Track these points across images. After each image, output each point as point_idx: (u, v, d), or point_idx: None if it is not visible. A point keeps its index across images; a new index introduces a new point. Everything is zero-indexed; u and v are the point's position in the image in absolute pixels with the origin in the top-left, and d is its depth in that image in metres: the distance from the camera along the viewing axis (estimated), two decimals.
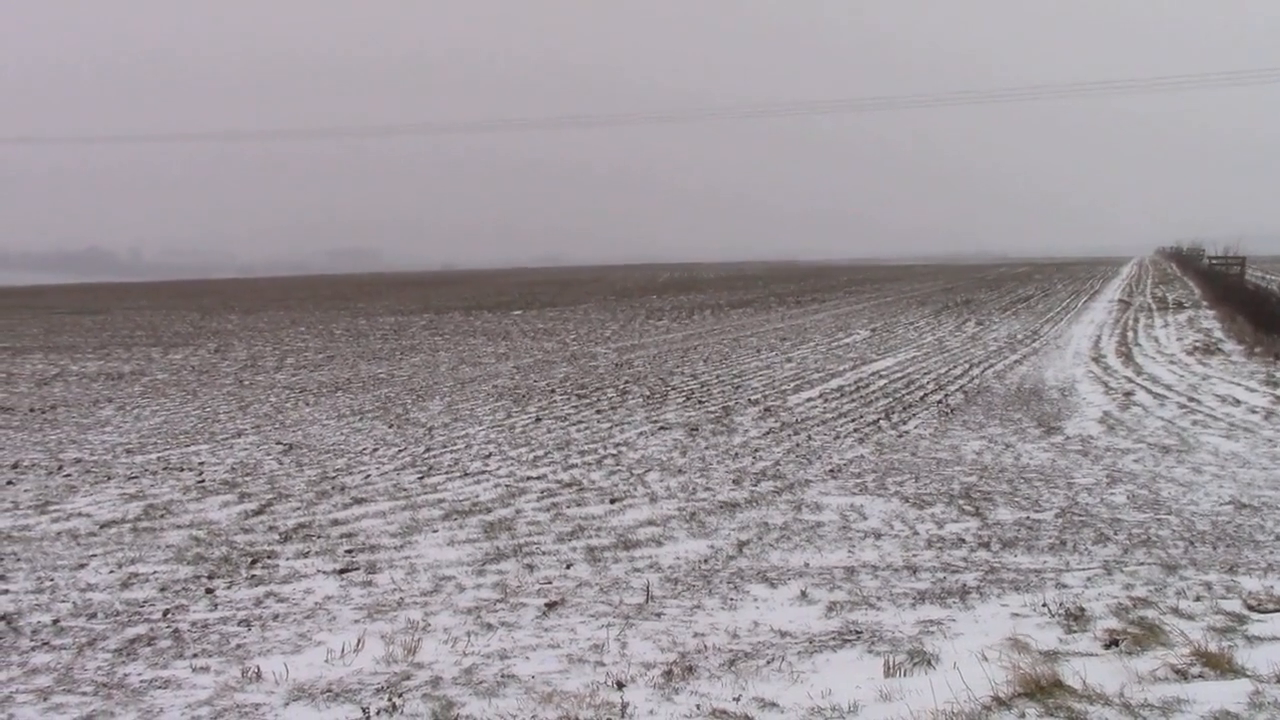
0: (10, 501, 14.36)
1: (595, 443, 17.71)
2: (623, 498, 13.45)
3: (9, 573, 10.66)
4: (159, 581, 10.24)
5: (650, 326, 44.72)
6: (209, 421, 21.83)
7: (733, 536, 11.42)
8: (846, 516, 12.22)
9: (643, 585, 9.62)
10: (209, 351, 38.60)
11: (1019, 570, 9.88)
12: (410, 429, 19.84)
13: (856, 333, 38.39)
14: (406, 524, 12.33)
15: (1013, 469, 15.07)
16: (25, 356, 38.48)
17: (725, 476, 14.75)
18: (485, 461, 16.27)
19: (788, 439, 17.75)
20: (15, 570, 10.76)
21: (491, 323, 49.33)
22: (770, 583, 9.62)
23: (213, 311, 65.22)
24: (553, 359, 32.27)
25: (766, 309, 53.30)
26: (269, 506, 13.59)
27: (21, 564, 11.01)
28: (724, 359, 30.78)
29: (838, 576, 9.76)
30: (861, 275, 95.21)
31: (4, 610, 9.36)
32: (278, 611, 9.16)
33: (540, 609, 9.00)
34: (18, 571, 10.70)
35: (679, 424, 19.49)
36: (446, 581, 9.96)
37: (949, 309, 49.21)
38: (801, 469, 15.18)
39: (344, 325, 50.54)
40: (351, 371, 30.65)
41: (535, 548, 11.13)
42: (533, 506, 13.08)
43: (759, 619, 8.60)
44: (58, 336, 48.14)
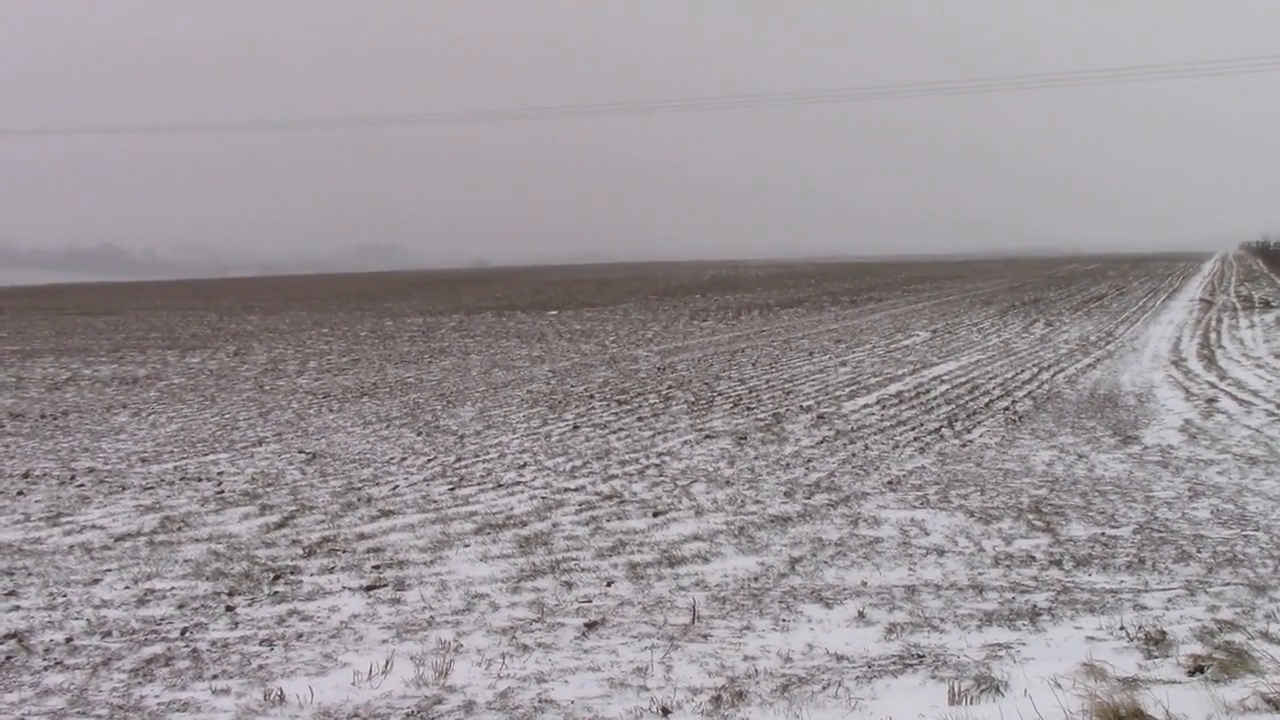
0: (21, 513, 14.55)
1: (637, 452, 17.72)
2: (666, 511, 13.44)
3: (20, 588, 10.79)
4: (177, 598, 10.34)
5: (695, 328, 44.71)
6: (228, 429, 22.03)
7: (784, 553, 11.38)
8: (907, 532, 12.15)
9: (688, 604, 9.61)
10: (228, 355, 38.96)
11: (1094, 590, 9.79)
12: (440, 437, 19.94)
13: (916, 334, 38.21)
14: (437, 538, 12.38)
15: (1086, 481, 14.93)
16: (36, 360, 38.99)
17: (776, 488, 14.71)
18: (520, 472, 16.32)
19: (843, 448, 17.68)
20: (27, 585, 10.89)
21: (526, 324, 49.49)
22: (825, 602, 9.58)
23: (231, 312, 65.84)
24: (591, 362, 32.32)
25: (819, 309, 53.17)
26: (292, 519, 13.69)
27: (33, 579, 11.15)
28: (774, 362, 30.72)
29: (898, 596, 9.71)
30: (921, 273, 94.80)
31: (15, 628, 9.47)
32: (301, 630, 9.22)
33: (579, 629, 9.00)
34: (29, 587, 10.84)
35: (726, 432, 19.46)
36: (479, 599, 9.99)
37: (1016, 308, 48.89)
38: (858, 481, 15.12)
39: (369, 326, 50.86)
40: (378, 376, 30.84)
41: (573, 564, 11.14)
42: (570, 520, 13.10)
43: (813, 641, 8.57)
44: (69, 339, 48.75)
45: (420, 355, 36.59)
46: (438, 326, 49.43)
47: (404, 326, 50.17)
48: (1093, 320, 42.87)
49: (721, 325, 45.50)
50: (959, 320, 43.67)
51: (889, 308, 52.47)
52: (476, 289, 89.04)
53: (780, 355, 32.64)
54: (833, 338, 37.92)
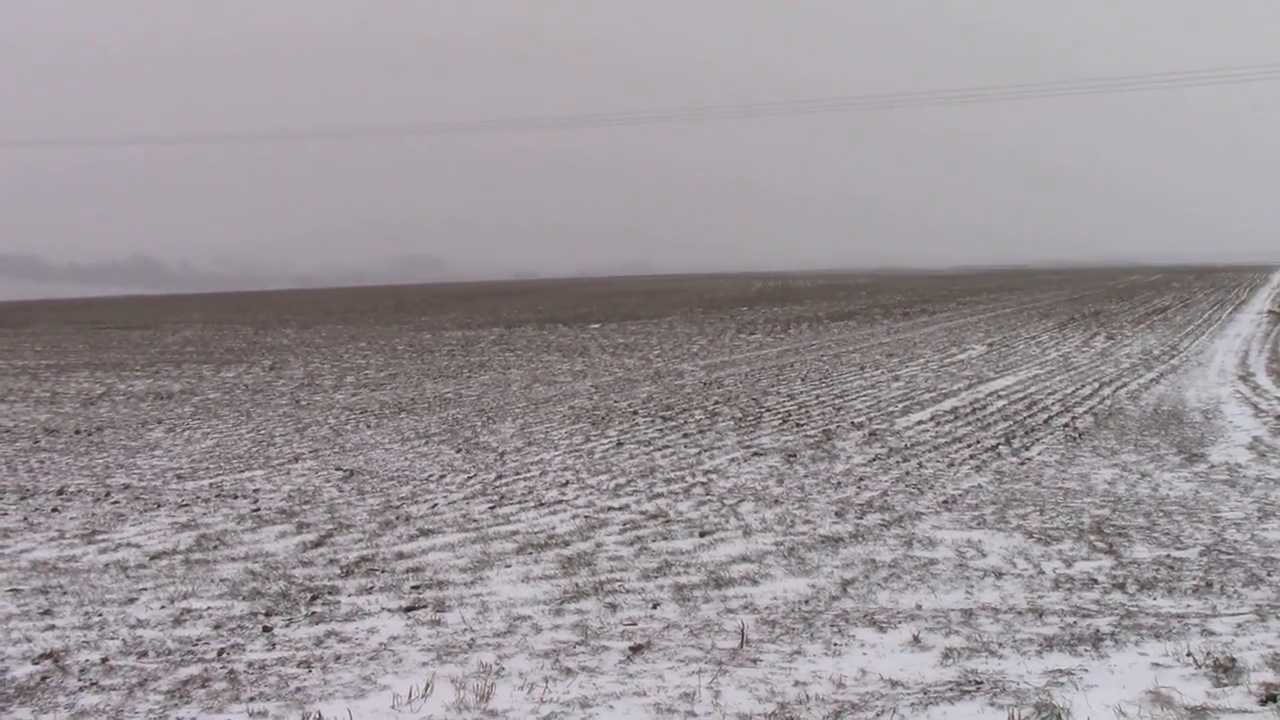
0: (56, 530, 14.73)
1: (682, 470, 17.72)
2: (714, 531, 13.43)
3: (55, 606, 10.92)
4: (213, 618, 10.42)
5: (742, 341, 44.67)
6: (264, 445, 22.22)
7: (836, 575, 11.34)
8: (963, 553, 12.08)
9: (737, 628, 9.59)
10: (263, 369, 39.30)
11: (1159, 615, 9.69)
12: (480, 454, 20.01)
13: (971, 348, 38.00)
14: (477, 558, 12.42)
15: (1150, 501, 14.79)
16: (71, 374, 39.48)
17: (827, 508, 14.66)
18: (562, 490, 16.35)
19: (896, 466, 17.61)
20: (62, 604, 11.03)
21: (568, 337, 49.62)
22: (879, 626, 9.53)
23: (267, 326, 66.41)
24: (635, 377, 32.35)
25: (870, 322, 52.99)
26: (329, 538, 13.78)
27: (68, 597, 11.28)
28: (824, 377, 30.64)
29: (954, 620, 9.65)
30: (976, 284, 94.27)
31: (51, 647, 9.58)
32: (340, 652, 9.27)
33: (624, 653, 9.00)
34: (64, 605, 10.97)
35: (775, 449, 19.43)
36: (521, 621, 10.01)
37: (1075, 321, 48.54)
38: (912, 500, 15.05)
39: (407, 340, 51.16)
40: (416, 391, 31.01)
41: (618, 585, 11.14)
42: (615, 540, 13.11)
43: (867, 666, 8.53)
44: (104, 353, 49.33)
45: (459, 370, 36.76)
46: (477, 340, 49.65)
47: (443, 340, 50.43)
48: (1156, 333, 42.49)
49: (770, 339, 45.43)
50: (1016, 334, 43.40)
51: (943, 320, 52.21)
52: (517, 301, 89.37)
53: (830, 370, 32.55)
54: (885, 351, 37.78)
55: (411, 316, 72.14)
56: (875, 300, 72.48)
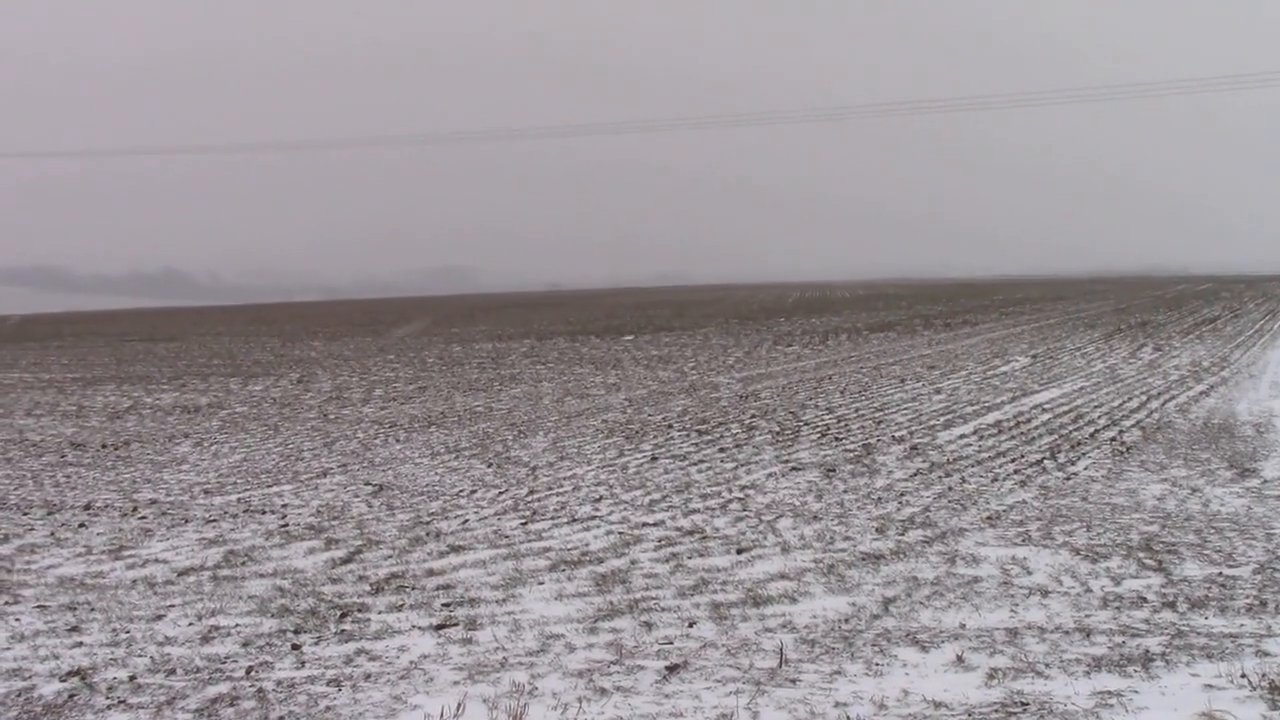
0: (83, 545, 14.86)
1: (719, 485, 17.71)
2: (751, 548, 13.41)
3: (83, 623, 11.02)
4: (241, 635, 10.49)
5: (779, 353, 44.62)
6: (292, 460, 22.34)
7: (877, 593, 11.31)
8: (1008, 570, 12.02)
9: (775, 647, 9.57)
10: (291, 382, 39.53)
11: (1211, 634, 9.61)
12: (511, 469, 20.06)
13: (1015, 359, 37.83)
14: (509, 575, 12.45)
15: (1201, 517, 14.68)
16: (97, 388, 39.82)
17: (867, 524, 14.62)
18: (595, 506, 16.37)
19: (938, 481, 17.54)
20: (90, 621, 11.12)
21: (600, 349, 49.68)
22: (921, 645, 9.50)
23: (295, 338, 66.80)
24: (669, 390, 32.37)
25: (911, 333, 52.83)
26: (358, 554, 13.84)
27: (96, 614, 11.37)
28: (863, 390, 30.57)
29: (999, 639, 9.60)
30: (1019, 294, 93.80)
31: (79, 664, 9.67)
32: (370, 671, 9.31)
33: (660, 672, 9.00)
34: (92, 622, 11.06)
35: (813, 464, 19.39)
36: (554, 640, 10.03)
37: (1121, 332, 48.26)
38: (954, 516, 14.99)
39: (437, 352, 51.36)
40: (446, 404, 31.12)
41: (653, 603, 11.15)
42: (649, 557, 13.12)
43: (909, 687, 8.50)
44: (131, 366, 49.75)
45: (490, 383, 36.87)
46: (508, 352, 49.79)
47: (473, 353, 50.59)
48: (1205, 344, 42.18)
49: (807, 350, 45.37)
50: (1061, 345, 43.18)
51: (985, 331, 52.00)
52: (549, 313, 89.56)
53: (870, 382, 32.47)
54: (926, 363, 37.66)
55: (441, 328, 72.41)
56: (915, 311, 72.27)
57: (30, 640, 10.53)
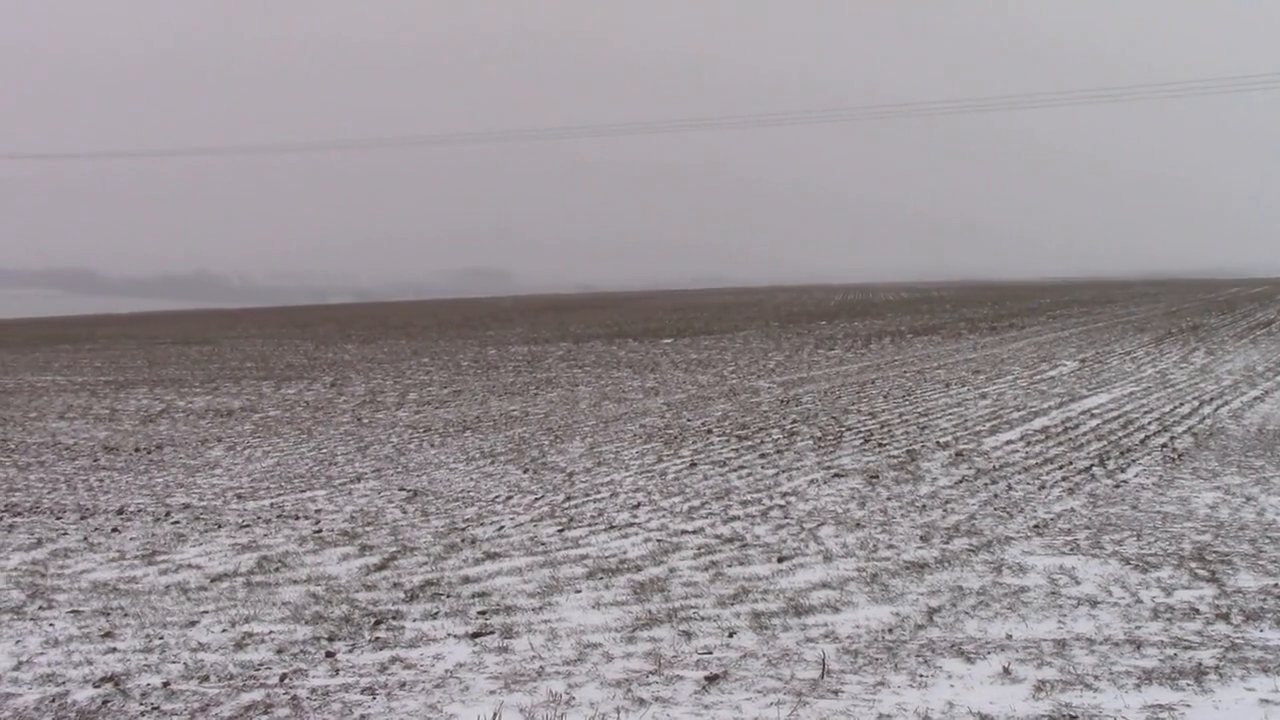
0: (116, 550, 15.00)
1: (759, 492, 17.70)
2: (792, 556, 13.40)
3: (117, 629, 11.12)
4: (275, 642, 10.56)
5: (820, 357, 44.53)
6: (325, 464, 22.47)
7: (921, 602, 11.27)
8: (1055, 580, 11.96)
9: (817, 657, 9.56)
10: (324, 386, 39.75)
11: (1267, 648, 9.54)
12: (548, 474, 20.11)
13: (1063, 364, 37.61)
14: (545, 583, 12.48)
15: (1255, 526, 14.56)
16: (130, 391, 40.17)
17: (911, 532, 14.58)
18: (633, 512, 16.39)
19: (984, 489, 17.47)
20: (123, 626, 11.23)
21: (638, 352, 49.70)
22: (966, 657, 9.46)
23: (328, 341, 67.14)
24: (709, 394, 32.35)
25: (955, 336, 52.60)
26: (393, 560, 13.91)
27: (129, 620, 11.48)
28: (907, 395, 30.46)
29: (1046, 651, 9.56)
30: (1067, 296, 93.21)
31: (112, 670, 9.76)
32: (404, 679, 9.36)
33: (699, 683, 9.00)
34: (126, 628, 11.17)
35: (856, 470, 19.34)
36: (592, 649, 10.04)
37: (1172, 336, 47.89)
38: (1001, 524, 14.92)
39: (472, 356, 51.52)
40: (481, 408, 31.22)
41: (692, 612, 11.15)
42: (689, 565, 13.12)
43: (954, 699, 8.47)
44: (163, 369, 50.15)
45: (526, 386, 36.96)
46: (544, 356, 49.88)
47: (508, 356, 50.72)
48: (1259, 349, 41.79)
49: (850, 354, 45.24)
50: (1110, 349, 42.89)
51: (1032, 335, 51.70)
52: (585, 315, 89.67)
53: (914, 387, 32.35)
54: (971, 368, 37.49)
55: (476, 331, 72.63)
56: (960, 314, 71.92)
57: (64, 645, 10.64)
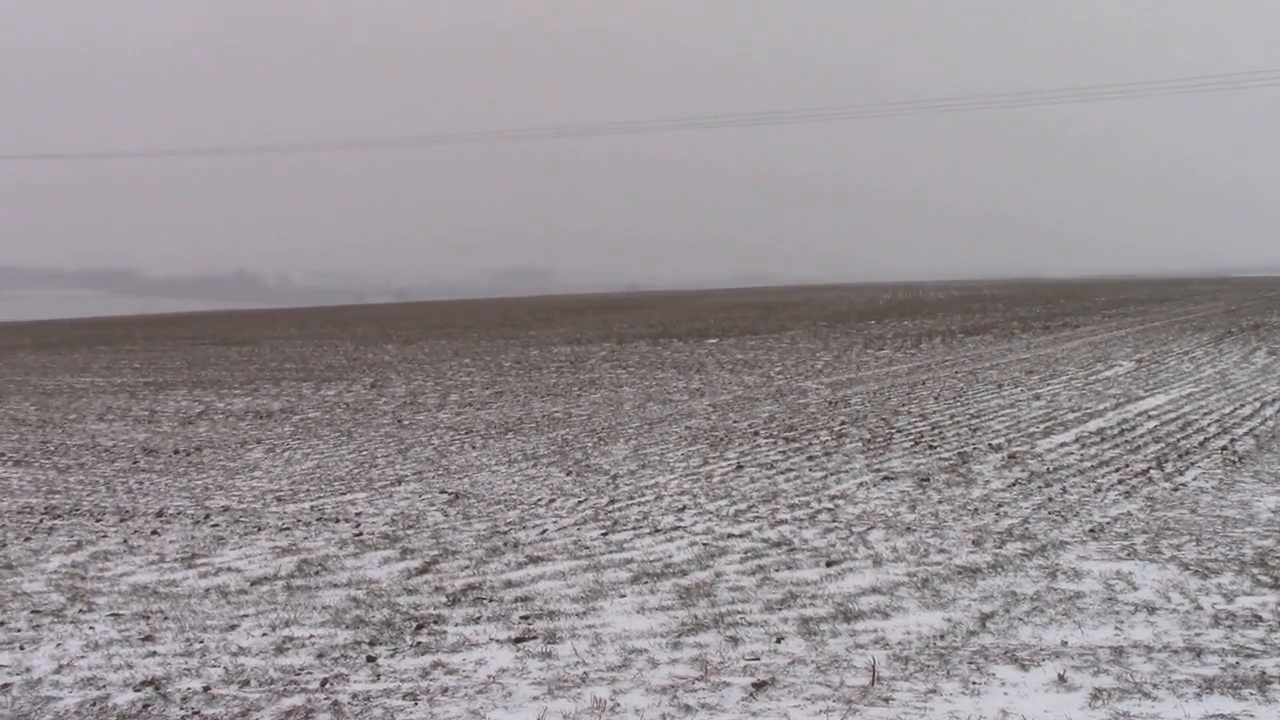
0: (156, 553, 15.15)
1: (807, 495, 17.66)
2: (841, 560, 13.37)
3: (157, 633, 11.24)
4: (316, 647, 10.64)
5: (869, 357, 44.38)
6: (366, 466, 22.59)
7: (974, 608, 11.22)
8: (1112, 586, 11.88)
9: (867, 664, 9.54)
10: (364, 387, 39.97)
11: None
12: (591, 477, 20.14)
13: (1119, 364, 37.32)
14: (589, 587, 12.51)
15: None
16: (169, 392, 40.53)
17: (963, 536, 14.51)
18: (679, 516, 16.39)
19: (1038, 492, 17.36)
20: (163, 630, 11.34)
21: (683, 353, 49.70)
22: (1020, 664, 9.42)
23: (368, 341, 67.51)
24: (755, 395, 32.31)
25: (1008, 336, 52.29)
26: (434, 564, 13.98)
27: (169, 623, 11.60)
28: (958, 396, 30.32)
29: (1103, 658, 9.49)
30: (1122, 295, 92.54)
31: (152, 674, 9.87)
32: (446, 685, 9.40)
33: (747, 689, 9.00)
34: (166, 631, 11.28)
35: (906, 473, 19.27)
36: (637, 655, 10.06)
37: (1232, 335, 47.41)
38: (1055, 528, 14.83)
39: (514, 356, 51.66)
40: (523, 410, 31.30)
41: (739, 617, 11.15)
42: (735, 569, 13.12)
43: (1008, 707, 8.43)
44: (202, 370, 50.58)
45: (569, 388, 37.03)
46: (587, 356, 49.95)
47: (551, 356, 50.83)
48: None
49: (899, 354, 45.06)
50: (1167, 348, 42.51)
51: (1087, 334, 51.34)
52: (629, 315, 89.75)
53: (965, 388, 32.19)
54: (1024, 368, 37.26)
55: (518, 331, 72.84)
56: (1013, 313, 71.50)
57: (104, 649, 10.77)
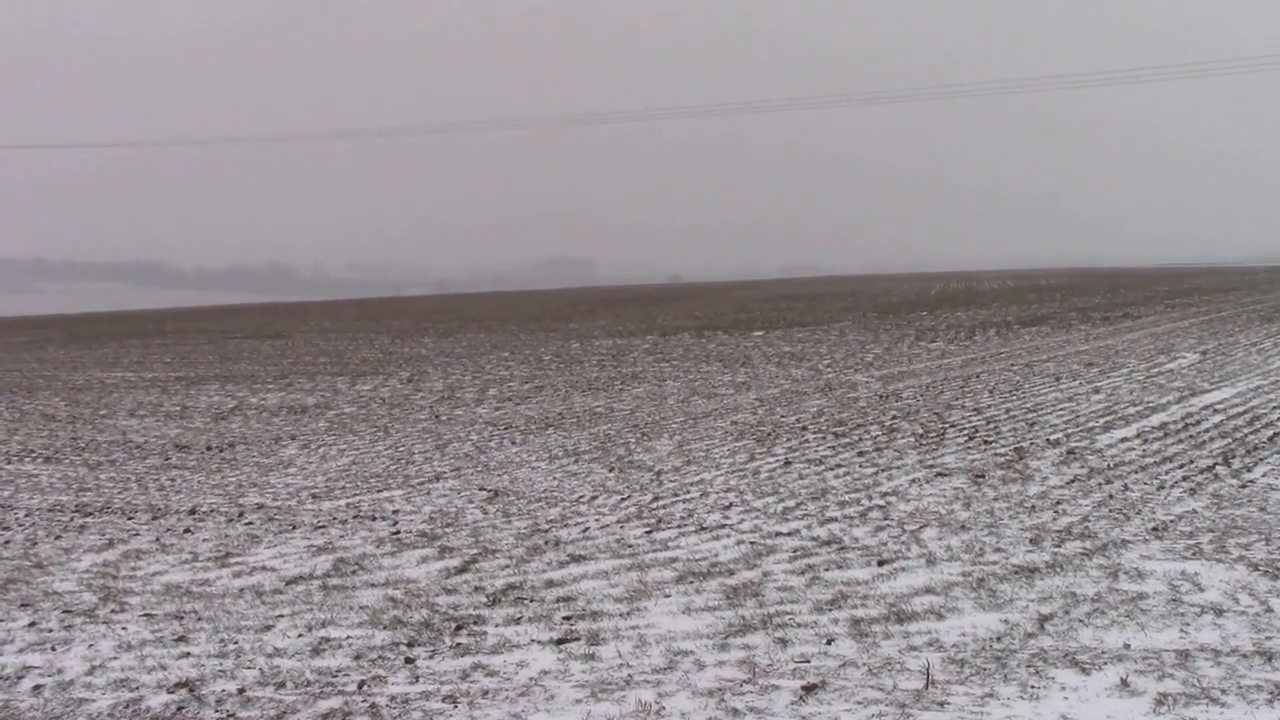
0: (189, 552, 15.27)
1: (857, 491, 17.61)
2: (893, 559, 13.32)
3: (190, 633, 11.32)
4: (353, 648, 10.69)
5: (921, 349, 44.19)
6: (402, 463, 22.69)
7: (1032, 609, 11.16)
8: (1176, 587, 11.78)
9: (921, 667, 9.50)
10: (401, 381, 40.14)
11: None
12: (634, 473, 20.15)
13: (1182, 356, 37.01)
14: (633, 587, 12.51)
15: None
16: (201, 387, 40.84)
17: (1020, 534, 14.43)
18: (725, 513, 16.38)
19: (1098, 489, 17.24)
20: (197, 630, 11.42)
21: (728, 346, 49.65)
22: (1081, 667, 9.35)
23: (404, 335, 67.77)
24: (803, 389, 32.25)
25: (1065, 327, 51.96)
26: (473, 563, 14.02)
27: (203, 624, 11.69)
28: (1014, 389, 30.14)
29: (1168, 662, 9.41)
30: (1186, 284, 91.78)
31: (186, 676, 9.94)
32: (487, 687, 9.43)
33: (796, 693, 8.98)
34: (199, 632, 11.36)
35: (960, 469, 19.18)
36: (682, 657, 10.06)
37: None
38: (1116, 526, 14.72)
39: (554, 349, 51.75)
40: (564, 405, 31.35)
41: (788, 618, 11.13)
42: (783, 568, 13.09)
43: (1068, 712, 8.38)
44: (235, 364, 50.92)
45: (611, 382, 37.06)
46: (630, 349, 49.98)
47: (592, 349, 50.88)
48: None
49: (952, 346, 44.86)
50: (1234, 340, 42.13)
51: (1149, 325, 50.95)
52: (672, 307, 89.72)
53: (1022, 381, 32.00)
54: (1083, 360, 37.01)
55: (558, 324, 72.95)
56: (1071, 303, 71.03)
57: (137, 650, 10.86)
